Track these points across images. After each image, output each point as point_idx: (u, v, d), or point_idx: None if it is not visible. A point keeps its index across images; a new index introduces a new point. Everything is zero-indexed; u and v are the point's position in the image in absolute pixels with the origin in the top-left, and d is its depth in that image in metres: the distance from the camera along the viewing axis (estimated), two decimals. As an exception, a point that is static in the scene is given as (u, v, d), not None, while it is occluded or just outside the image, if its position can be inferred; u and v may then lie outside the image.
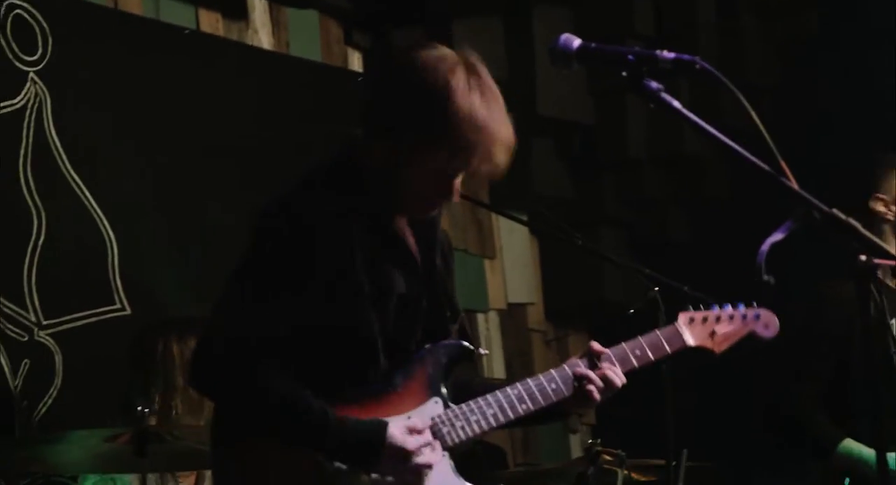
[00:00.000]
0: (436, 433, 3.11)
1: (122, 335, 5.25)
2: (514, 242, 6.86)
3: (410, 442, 3.04)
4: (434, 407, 3.14)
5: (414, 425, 3.05)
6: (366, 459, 3.00)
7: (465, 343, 3.23)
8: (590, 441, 4.64)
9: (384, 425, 3.03)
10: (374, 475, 3.01)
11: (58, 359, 5.13)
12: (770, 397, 4.53)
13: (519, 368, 6.60)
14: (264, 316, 3.02)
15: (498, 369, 6.62)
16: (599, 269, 6.74)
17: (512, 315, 6.78)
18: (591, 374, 3.22)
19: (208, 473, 4.81)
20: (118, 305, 5.34)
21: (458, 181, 3.14)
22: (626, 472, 4.63)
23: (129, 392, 4.69)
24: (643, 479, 4.81)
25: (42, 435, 4.76)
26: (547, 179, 6.83)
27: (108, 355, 5.19)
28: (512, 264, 6.82)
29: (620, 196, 7.03)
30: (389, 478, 3.02)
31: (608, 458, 4.60)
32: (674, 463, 4.23)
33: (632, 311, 4.16)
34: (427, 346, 3.19)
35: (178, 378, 4.64)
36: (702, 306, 3.51)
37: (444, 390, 3.16)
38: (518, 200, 6.21)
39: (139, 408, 3.82)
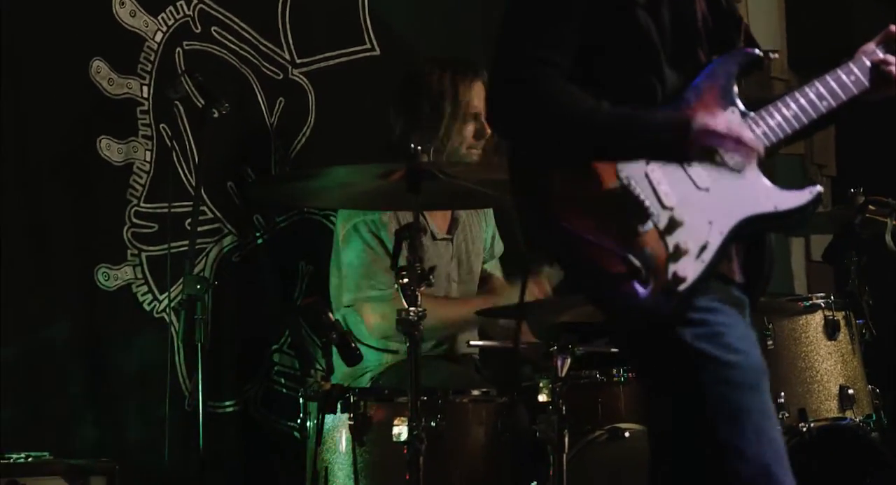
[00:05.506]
0: None
1: (371, 76, 5.28)
2: (759, -15, 6.64)
3: (719, 117, 2.92)
4: (731, 117, 2.99)
5: None
6: (675, 140, 2.90)
7: (754, 50, 3.06)
8: (853, 190, 4.52)
9: (688, 113, 2.94)
10: (688, 168, 2.92)
11: (310, 97, 5.17)
12: None
13: (760, 116, 6.44)
14: (543, 40, 2.95)
15: (737, 118, 6.48)
16: (848, 12, 6.47)
17: (754, 63, 6.59)
18: (892, 57, 3.07)
19: (463, 215, 4.85)
20: (368, 46, 5.34)
21: None
22: (895, 222, 4.52)
23: (401, 128, 4.71)
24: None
25: (301, 171, 4.83)
26: None
27: (358, 95, 5.23)
28: (756, 10, 6.62)
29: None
30: (706, 163, 2.92)
31: (873, 208, 4.49)
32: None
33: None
34: (714, 57, 3.03)
35: (451, 114, 4.64)
36: None
37: (738, 100, 3.01)
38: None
39: (412, 145, 3.79)
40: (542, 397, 3.99)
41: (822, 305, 4.44)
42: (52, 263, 4.54)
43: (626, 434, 4.15)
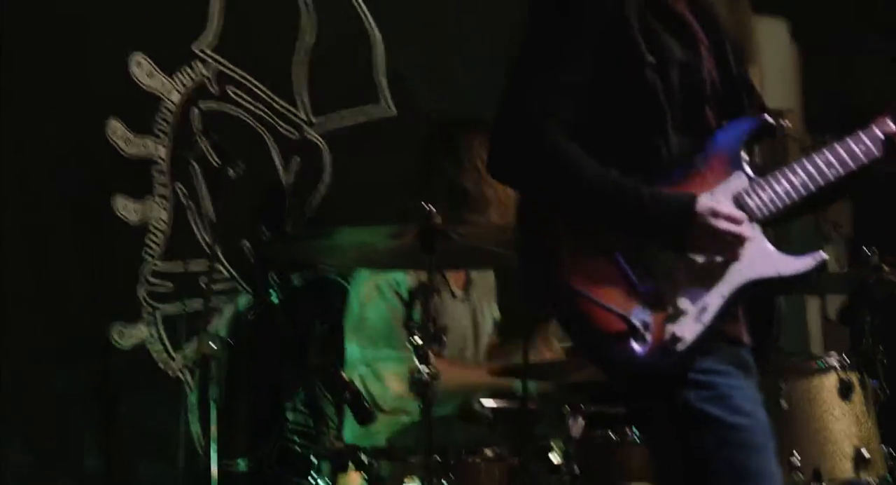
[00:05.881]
0: (743, 207, 2.99)
1: (386, 134, 5.31)
2: (773, 45, 6.67)
3: (723, 209, 2.94)
4: (737, 181, 3.01)
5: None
6: (677, 230, 2.92)
7: (766, 116, 3.06)
8: (868, 250, 4.53)
9: (693, 196, 2.94)
10: (685, 254, 2.93)
11: (326, 156, 5.20)
12: None
13: (775, 175, 6.45)
14: (551, 94, 2.97)
15: (752, 176, 6.49)
16: (863, 71, 6.49)
17: (769, 121, 6.61)
18: None
19: (475, 274, 4.86)
20: (383, 104, 5.37)
21: None
22: (907, 282, 4.52)
23: (416, 187, 4.72)
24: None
25: (316, 230, 4.85)
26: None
27: (374, 153, 5.25)
28: (771, 68, 6.65)
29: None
30: (701, 255, 2.93)
31: (888, 268, 4.48)
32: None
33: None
34: (724, 123, 3.06)
35: (467, 174, 4.65)
36: None
37: (746, 165, 3.02)
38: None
39: (425, 206, 3.81)
40: (554, 458, 3.99)
41: (837, 365, 4.43)
42: (68, 321, 4.56)
43: (639, 495, 4.14)
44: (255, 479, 4.86)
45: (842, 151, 3.08)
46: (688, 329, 2.90)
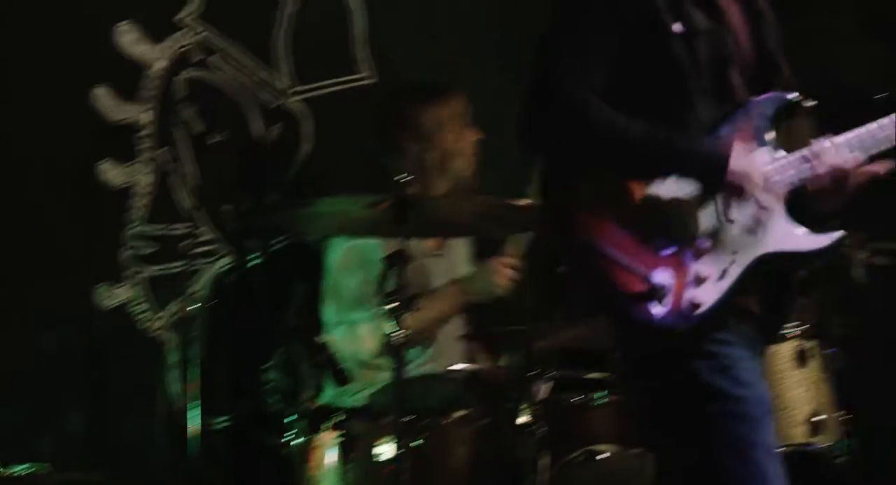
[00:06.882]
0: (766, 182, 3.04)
1: (368, 103, 5.39)
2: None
3: (756, 165, 2.99)
4: (763, 157, 3.06)
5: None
6: (713, 174, 2.97)
7: (790, 94, 3.09)
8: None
9: (726, 157, 2.98)
10: (718, 205, 2.99)
11: (307, 124, 5.30)
12: None
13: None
14: (581, 64, 3.02)
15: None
16: (832, 50, 6.54)
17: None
18: None
19: (453, 243, 4.97)
20: (365, 73, 5.46)
21: None
22: (865, 255, 4.59)
23: (384, 159, 4.81)
24: (887, 264, 4.73)
25: (294, 200, 4.96)
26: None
27: (356, 123, 5.34)
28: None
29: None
30: (734, 205, 2.99)
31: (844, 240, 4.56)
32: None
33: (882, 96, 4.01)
34: (751, 98, 3.10)
35: (429, 142, 4.74)
36: None
37: (769, 141, 3.07)
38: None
39: (398, 176, 3.91)
40: (521, 419, 4.11)
41: (794, 334, 4.55)
42: (54, 281, 4.69)
43: (602, 456, 4.25)
44: (233, 436, 4.98)
45: (863, 134, 3.09)
46: (706, 295, 2.96)
